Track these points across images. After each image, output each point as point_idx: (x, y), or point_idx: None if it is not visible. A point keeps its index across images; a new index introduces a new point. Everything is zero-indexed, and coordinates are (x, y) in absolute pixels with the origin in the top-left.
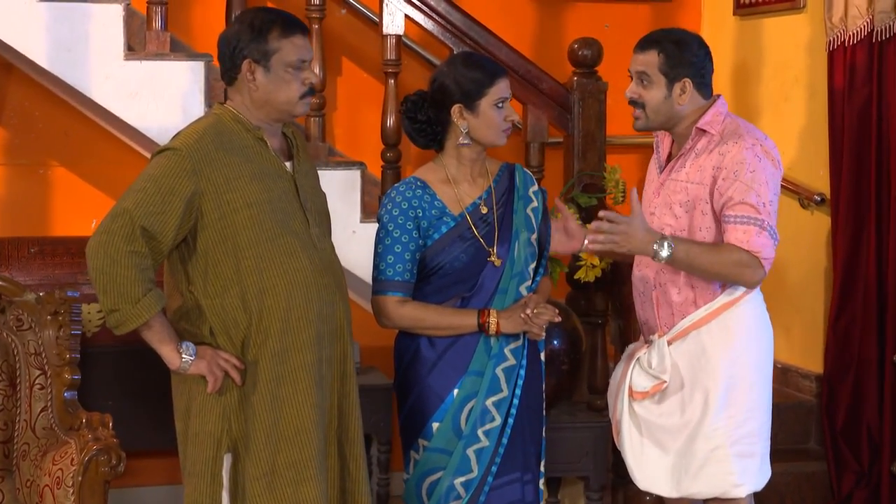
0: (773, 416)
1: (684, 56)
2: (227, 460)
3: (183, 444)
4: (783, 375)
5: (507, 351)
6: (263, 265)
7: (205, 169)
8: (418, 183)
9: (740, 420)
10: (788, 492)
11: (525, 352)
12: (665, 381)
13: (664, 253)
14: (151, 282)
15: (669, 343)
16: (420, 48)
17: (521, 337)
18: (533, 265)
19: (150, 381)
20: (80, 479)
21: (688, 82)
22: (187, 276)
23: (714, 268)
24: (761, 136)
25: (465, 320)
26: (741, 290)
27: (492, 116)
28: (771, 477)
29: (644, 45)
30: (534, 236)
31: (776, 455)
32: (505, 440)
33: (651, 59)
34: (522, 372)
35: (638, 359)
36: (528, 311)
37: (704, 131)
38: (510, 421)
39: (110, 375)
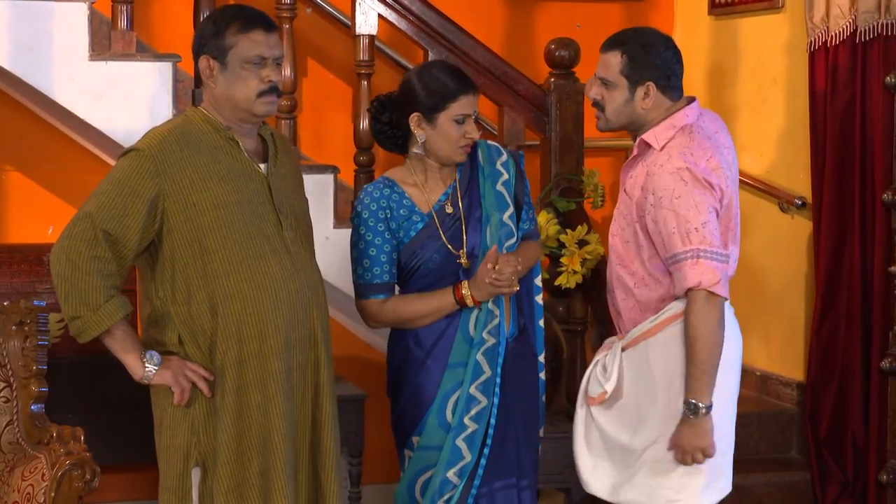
0: (753, 425)
1: (649, 58)
2: (195, 474)
3: (158, 457)
4: (763, 383)
5: (485, 334)
6: (231, 269)
7: (168, 170)
8: (387, 182)
9: None
10: (771, 501)
11: (501, 329)
12: (605, 392)
13: (704, 406)
14: (115, 288)
15: (623, 349)
16: (390, 50)
17: (498, 314)
18: (510, 242)
19: (112, 394)
20: (52, 494)
21: (651, 86)
22: (155, 281)
23: (710, 344)
24: (698, 157)
25: (444, 299)
26: (684, 304)
27: (449, 132)
28: (753, 486)
29: (609, 45)
30: (508, 213)
31: (757, 464)
32: (493, 420)
33: (614, 61)
34: (500, 349)
35: (597, 361)
36: (492, 275)
37: (649, 144)
38: (496, 401)
39: (71, 387)
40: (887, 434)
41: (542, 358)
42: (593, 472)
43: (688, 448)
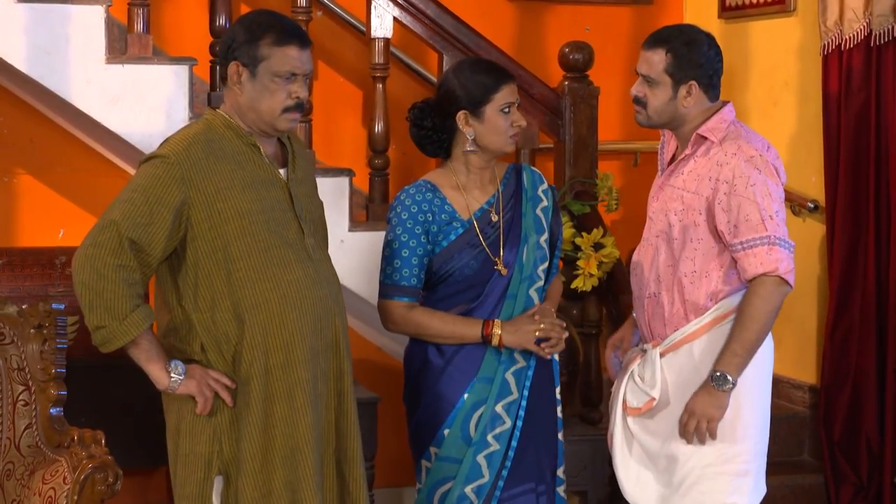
0: None
1: (693, 57)
2: (218, 483)
3: (174, 464)
4: (774, 387)
5: (516, 354)
6: (256, 277)
7: (194, 177)
8: (429, 186)
9: (734, 438)
10: None
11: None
12: (654, 399)
13: (732, 381)
14: (140, 297)
15: (662, 355)
16: (401, 53)
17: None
18: (544, 266)
19: (123, 398)
20: (75, 497)
21: (694, 85)
22: (177, 289)
23: (762, 327)
24: (762, 147)
25: (470, 330)
26: (734, 304)
27: (498, 123)
28: (766, 489)
29: (652, 42)
30: (543, 237)
31: (770, 467)
32: (514, 443)
33: (657, 59)
34: (530, 373)
35: (631, 372)
36: (535, 331)
37: (705, 138)
38: (519, 423)
39: (82, 391)
40: None
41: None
42: (637, 484)
43: (700, 414)
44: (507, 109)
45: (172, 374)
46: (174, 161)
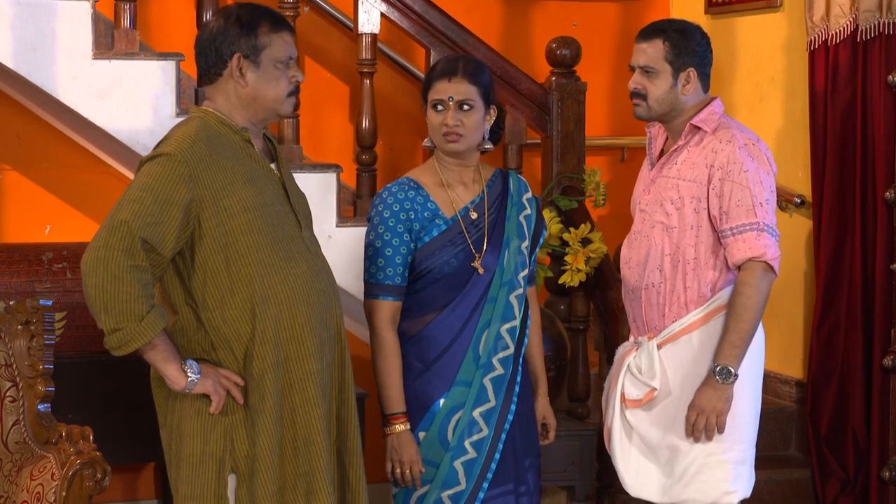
0: None
1: (689, 45)
2: (231, 481)
3: (175, 465)
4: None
5: (495, 361)
6: (264, 272)
7: (201, 175)
8: (411, 184)
9: (733, 426)
10: (773, 499)
11: (512, 361)
12: (655, 389)
13: (735, 373)
14: (153, 297)
15: (659, 347)
16: (388, 49)
17: (512, 345)
18: (524, 273)
19: (110, 394)
20: (63, 494)
21: (692, 72)
22: (185, 288)
23: (755, 315)
24: (754, 138)
25: (389, 401)
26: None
27: (431, 119)
28: (754, 484)
29: (648, 34)
30: (525, 244)
31: (757, 462)
32: (497, 455)
33: (655, 49)
34: (517, 388)
35: (628, 365)
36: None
37: (698, 128)
38: (503, 436)
39: (69, 387)
40: (889, 431)
41: None
42: (637, 476)
43: (709, 410)
44: (439, 107)
45: (189, 374)
46: (181, 159)
